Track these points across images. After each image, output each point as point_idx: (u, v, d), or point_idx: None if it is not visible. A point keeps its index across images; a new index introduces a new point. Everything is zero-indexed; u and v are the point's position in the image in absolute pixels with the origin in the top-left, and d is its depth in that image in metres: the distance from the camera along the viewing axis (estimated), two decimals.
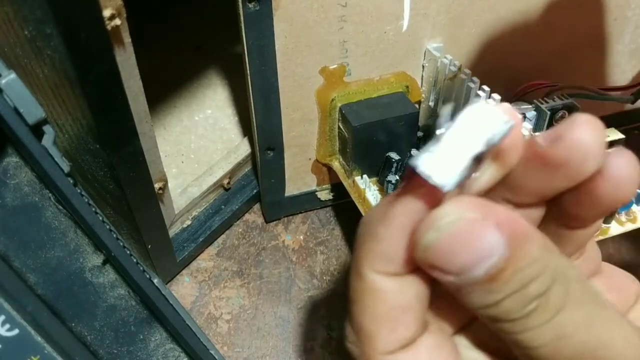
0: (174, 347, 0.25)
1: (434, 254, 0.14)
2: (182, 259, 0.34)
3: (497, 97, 0.26)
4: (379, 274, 0.15)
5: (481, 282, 0.14)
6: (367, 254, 0.15)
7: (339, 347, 0.32)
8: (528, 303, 0.14)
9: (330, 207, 0.38)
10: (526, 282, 0.14)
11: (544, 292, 0.14)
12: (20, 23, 0.20)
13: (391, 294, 0.15)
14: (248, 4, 0.26)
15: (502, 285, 0.14)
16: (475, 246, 0.13)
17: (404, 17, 0.30)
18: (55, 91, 0.22)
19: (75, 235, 0.23)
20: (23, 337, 0.21)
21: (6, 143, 0.21)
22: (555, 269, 0.14)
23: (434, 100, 0.32)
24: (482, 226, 0.14)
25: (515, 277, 0.14)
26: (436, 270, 0.14)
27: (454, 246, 0.14)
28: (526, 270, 0.14)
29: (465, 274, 0.14)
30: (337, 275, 0.35)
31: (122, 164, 0.24)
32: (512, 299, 0.14)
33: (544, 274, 0.14)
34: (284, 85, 0.30)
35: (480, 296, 0.14)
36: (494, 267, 0.13)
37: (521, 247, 0.14)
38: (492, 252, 0.13)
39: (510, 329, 0.14)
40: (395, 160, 0.31)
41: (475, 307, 0.14)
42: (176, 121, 0.41)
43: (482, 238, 0.13)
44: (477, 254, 0.13)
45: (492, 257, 0.13)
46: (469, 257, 0.14)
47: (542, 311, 0.14)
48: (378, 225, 0.15)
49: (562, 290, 0.14)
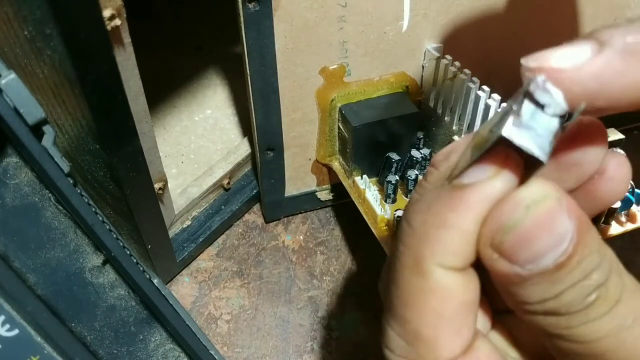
0: (174, 347, 0.25)
1: (514, 238, 0.13)
2: (182, 259, 0.34)
3: (497, 97, 0.26)
4: (445, 270, 0.14)
5: (549, 271, 0.13)
6: (435, 247, 0.14)
7: (339, 347, 0.32)
8: (590, 293, 0.13)
9: (330, 208, 0.38)
10: (589, 271, 0.13)
11: (604, 281, 0.13)
12: (20, 23, 0.20)
13: (458, 291, 0.14)
14: (248, 4, 0.26)
15: (567, 274, 0.13)
16: (553, 232, 0.13)
17: (404, 18, 0.30)
18: (55, 91, 0.22)
19: (75, 235, 0.23)
20: (23, 337, 0.21)
21: (6, 143, 0.21)
22: (612, 261, 0.14)
23: (433, 100, 0.32)
24: (560, 211, 0.13)
25: (581, 265, 0.13)
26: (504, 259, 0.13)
27: (538, 229, 0.13)
28: (589, 258, 0.13)
29: (536, 263, 0.13)
30: (337, 275, 0.35)
31: (122, 164, 0.24)
32: (575, 290, 0.13)
33: (603, 263, 0.13)
34: (284, 86, 0.30)
35: (541, 289, 0.13)
36: (564, 254, 0.13)
37: (586, 233, 0.13)
38: (565, 238, 0.13)
39: (567, 323, 0.14)
40: (395, 161, 0.31)
41: (531, 301, 0.14)
42: (176, 121, 0.41)
43: (559, 224, 0.13)
44: (552, 240, 0.13)
45: (564, 243, 0.13)
46: (547, 242, 0.13)
47: (603, 302, 0.13)
48: (447, 213, 0.14)
49: (619, 280, 0.14)
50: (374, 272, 0.35)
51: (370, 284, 0.34)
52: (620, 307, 0.14)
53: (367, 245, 0.36)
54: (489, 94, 0.27)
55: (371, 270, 0.35)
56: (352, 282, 0.35)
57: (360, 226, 0.31)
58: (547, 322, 0.14)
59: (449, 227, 0.14)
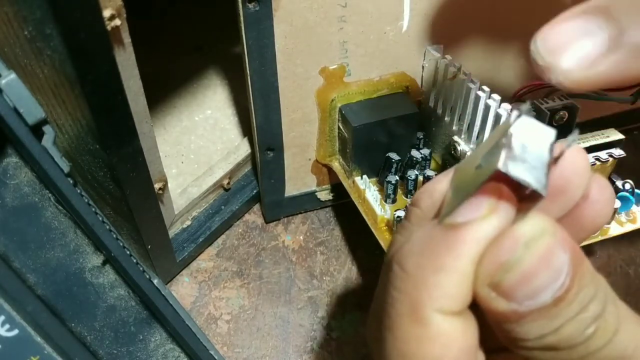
0: (174, 347, 0.25)
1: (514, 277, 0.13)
2: (182, 260, 0.34)
3: (497, 97, 0.26)
4: (445, 315, 0.13)
5: (547, 307, 0.13)
6: (432, 292, 0.13)
7: (338, 347, 0.32)
8: (589, 325, 0.13)
9: (330, 208, 0.38)
10: (586, 302, 0.13)
11: (601, 312, 0.13)
12: (20, 23, 0.20)
13: (459, 336, 0.14)
14: (248, 4, 0.26)
15: (566, 307, 0.13)
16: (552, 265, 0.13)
17: (404, 18, 0.30)
18: (55, 91, 0.22)
19: (75, 235, 0.23)
20: (23, 337, 0.21)
21: (6, 143, 0.21)
22: (606, 291, 0.13)
23: (434, 100, 0.32)
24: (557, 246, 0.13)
25: (578, 297, 0.13)
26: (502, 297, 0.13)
27: (537, 267, 0.13)
28: (585, 289, 0.13)
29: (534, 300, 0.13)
30: (337, 275, 0.35)
31: (122, 164, 0.24)
32: (574, 323, 0.13)
33: (599, 293, 0.13)
34: (284, 86, 0.30)
35: (540, 325, 0.13)
36: (562, 287, 0.13)
37: (581, 264, 0.13)
38: (562, 271, 0.13)
39: (568, 357, 0.13)
40: (395, 161, 0.31)
41: (529, 338, 0.13)
42: (176, 121, 0.41)
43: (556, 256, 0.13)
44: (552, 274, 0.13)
45: (562, 277, 0.13)
46: (545, 278, 0.13)
47: (603, 333, 0.13)
48: (444, 256, 0.13)
49: (615, 309, 0.13)
50: (374, 272, 0.35)
51: (370, 284, 0.34)
52: (619, 337, 0.13)
53: (367, 245, 0.36)
54: (489, 94, 0.27)
55: (371, 270, 0.35)
56: (352, 282, 0.35)
57: (360, 226, 0.31)
58: (546, 357, 0.14)
59: (446, 270, 0.13)
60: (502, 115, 0.26)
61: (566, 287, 0.13)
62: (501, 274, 0.13)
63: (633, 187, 0.29)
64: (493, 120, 0.26)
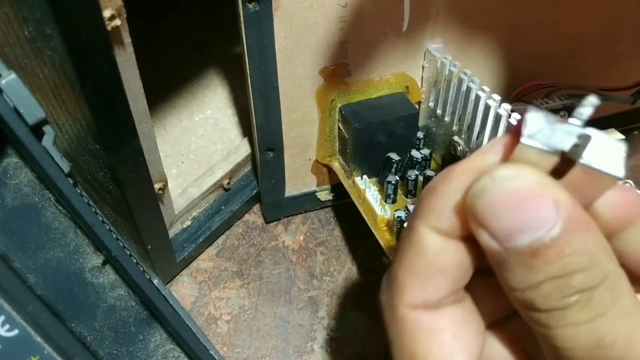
0: (174, 347, 0.25)
1: (483, 204, 0.14)
2: (182, 260, 0.34)
3: (497, 97, 0.26)
4: (429, 229, 0.16)
5: (524, 254, 0.14)
6: (423, 208, 0.16)
7: (338, 347, 0.32)
8: (569, 294, 0.13)
9: (330, 208, 0.38)
10: (571, 270, 0.13)
11: (589, 288, 0.13)
12: (20, 23, 0.20)
13: (433, 251, 0.16)
14: (248, 4, 0.26)
15: (544, 264, 0.13)
16: (526, 211, 0.13)
17: (404, 18, 0.30)
18: (55, 91, 0.22)
19: (75, 235, 0.23)
20: (23, 337, 0.21)
21: (6, 143, 0.21)
22: (607, 273, 0.14)
23: (434, 100, 0.32)
24: (539, 195, 0.14)
25: (560, 260, 0.13)
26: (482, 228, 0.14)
27: (505, 201, 0.14)
28: (574, 257, 0.13)
29: (510, 240, 0.14)
30: (337, 276, 0.35)
31: (122, 164, 0.24)
32: (553, 283, 0.14)
33: (592, 270, 0.13)
34: (284, 86, 0.30)
35: (521, 273, 0.14)
36: (538, 240, 0.13)
37: (575, 233, 0.13)
38: (540, 225, 0.13)
39: (546, 321, 0.14)
40: (395, 161, 0.31)
41: (514, 287, 0.14)
42: (176, 122, 0.41)
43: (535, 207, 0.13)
44: (525, 220, 0.13)
45: (540, 230, 0.13)
46: (516, 220, 0.14)
47: (582, 308, 0.13)
48: (438, 181, 0.16)
49: (608, 295, 0.14)
50: (374, 272, 0.35)
51: (370, 284, 0.34)
52: (602, 322, 0.13)
53: (367, 245, 0.36)
54: (489, 95, 0.27)
55: (371, 270, 0.35)
56: (352, 282, 0.35)
57: (360, 226, 0.31)
58: (531, 318, 0.14)
59: (436, 192, 0.16)
60: (502, 115, 0.26)
61: (544, 243, 0.13)
62: (471, 199, 0.14)
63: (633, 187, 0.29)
64: (493, 120, 0.26)
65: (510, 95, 0.34)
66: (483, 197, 0.14)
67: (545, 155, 0.14)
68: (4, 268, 0.21)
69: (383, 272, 0.18)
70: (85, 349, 0.23)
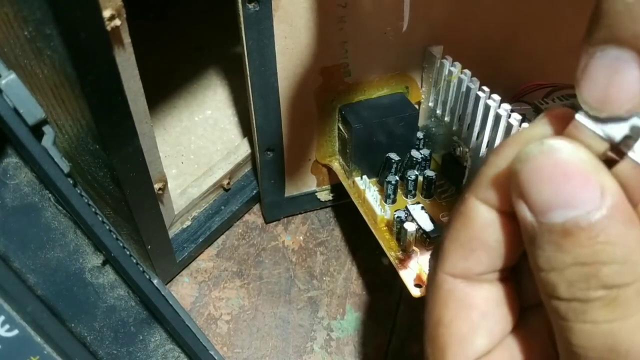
0: (174, 347, 0.25)
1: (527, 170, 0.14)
2: (181, 260, 0.34)
3: (497, 97, 0.26)
4: (477, 201, 0.16)
5: (556, 232, 0.13)
6: (475, 180, 0.16)
7: (338, 347, 0.32)
8: (594, 286, 0.13)
9: (330, 208, 0.38)
10: (601, 259, 0.13)
11: (617, 286, 0.13)
12: (20, 24, 0.20)
13: (479, 224, 0.16)
14: (248, 4, 0.26)
15: (574, 246, 0.13)
16: (570, 187, 0.13)
17: (404, 18, 0.30)
18: (55, 91, 0.22)
19: (75, 235, 0.23)
20: (23, 337, 0.21)
21: (6, 143, 0.21)
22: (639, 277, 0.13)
23: (433, 100, 0.32)
24: (587, 174, 0.13)
25: (592, 246, 0.13)
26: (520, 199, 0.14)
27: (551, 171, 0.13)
28: (607, 247, 0.13)
29: (545, 215, 0.13)
30: (336, 276, 0.35)
31: (122, 165, 0.24)
32: (579, 270, 0.13)
33: (624, 266, 0.13)
34: (284, 86, 0.30)
35: (550, 251, 0.13)
36: (574, 220, 0.13)
37: (615, 223, 0.13)
38: (581, 205, 0.13)
39: (565, 313, 0.13)
40: (395, 161, 0.31)
41: (541, 266, 0.14)
42: (176, 122, 0.41)
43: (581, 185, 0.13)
44: (566, 196, 0.13)
45: (578, 209, 0.13)
46: (557, 193, 0.13)
47: (605, 306, 0.13)
48: (491, 153, 0.16)
49: (636, 300, 0.13)
50: (374, 272, 0.35)
51: (370, 284, 0.34)
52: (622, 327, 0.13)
53: (367, 245, 0.36)
54: (489, 95, 0.27)
55: (371, 270, 0.35)
56: (352, 282, 0.35)
57: (360, 226, 0.31)
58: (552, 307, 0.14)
59: (487, 163, 0.16)
60: (502, 115, 0.26)
61: (580, 224, 0.13)
62: (516, 163, 0.14)
63: None
64: (493, 120, 0.26)
65: (510, 95, 0.34)
66: (528, 163, 0.14)
67: (596, 140, 0.14)
68: (4, 268, 0.21)
69: (383, 272, 0.18)
70: (85, 349, 0.23)
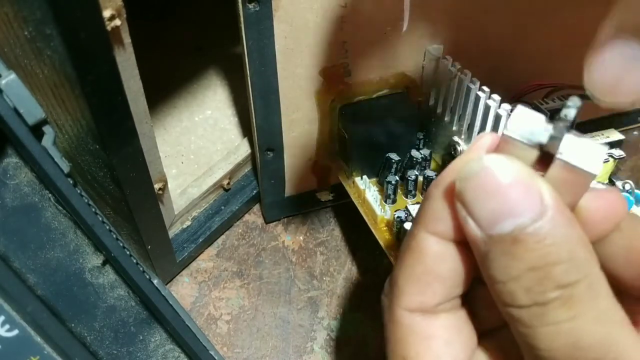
0: (174, 347, 0.25)
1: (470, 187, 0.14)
2: (181, 260, 0.34)
3: (497, 97, 0.26)
4: (427, 234, 0.16)
5: (506, 241, 0.14)
6: (421, 214, 0.16)
7: (338, 347, 0.32)
8: (550, 288, 0.14)
9: (330, 208, 0.38)
10: (550, 261, 0.13)
11: (568, 284, 0.13)
12: (20, 24, 0.20)
13: (432, 256, 0.16)
14: (248, 4, 0.26)
15: (525, 252, 0.14)
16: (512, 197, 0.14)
17: (404, 18, 0.30)
18: (55, 91, 0.22)
19: (75, 235, 0.23)
20: (23, 337, 0.21)
21: (6, 143, 0.21)
22: (587, 272, 0.14)
23: (434, 100, 0.32)
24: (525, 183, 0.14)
25: (541, 249, 0.13)
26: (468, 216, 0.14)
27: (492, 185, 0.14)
28: (554, 248, 0.13)
29: (493, 227, 0.14)
30: (336, 276, 0.35)
31: (122, 165, 0.24)
32: (534, 275, 0.14)
33: (572, 264, 0.14)
34: (284, 86, 0.30)
35: (503, 261, 0.14)
36: (520, 227, 0.14)
37: (557, 224, 0.14)
38: (525, 212, 0.14)
39: (528, 320, 0.14)
40: (395, 161, 0.31)
41: (497, 278, 0.14)
42: (176, 122, 0.41)
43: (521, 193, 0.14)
44: (510, 205, 0.14)
45: (523, 216, 0.14)
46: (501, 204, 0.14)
47: (563, 306, 0.13)
48: (431, 187, 0.16)
49: (588, 295, 0.14)
50: (374, 272, 0.35)
51: (370, 284, 0.34)
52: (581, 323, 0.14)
53: (367, 245, 0.36)
54: (489, 95, 0.27)
55: (371, 270, 0.35)
56: (352, 282, 0.35)
57: (360, 226, 0.31)
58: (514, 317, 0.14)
59: (429, 196, 0.16)
60: (502, 115, 0.26)
61: (528, 230, 0.14)
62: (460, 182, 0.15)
63: (633, 188, 0.29)
64: (493, 121, 0.26)
65: (510, 95, 0.34)
66: (470, 180, 0.14)
67: (526, 149, 0.15)
68: (4, 268, 0.21)
69: (383, 272, 0.18)
70: (85, 349, 0.23)
